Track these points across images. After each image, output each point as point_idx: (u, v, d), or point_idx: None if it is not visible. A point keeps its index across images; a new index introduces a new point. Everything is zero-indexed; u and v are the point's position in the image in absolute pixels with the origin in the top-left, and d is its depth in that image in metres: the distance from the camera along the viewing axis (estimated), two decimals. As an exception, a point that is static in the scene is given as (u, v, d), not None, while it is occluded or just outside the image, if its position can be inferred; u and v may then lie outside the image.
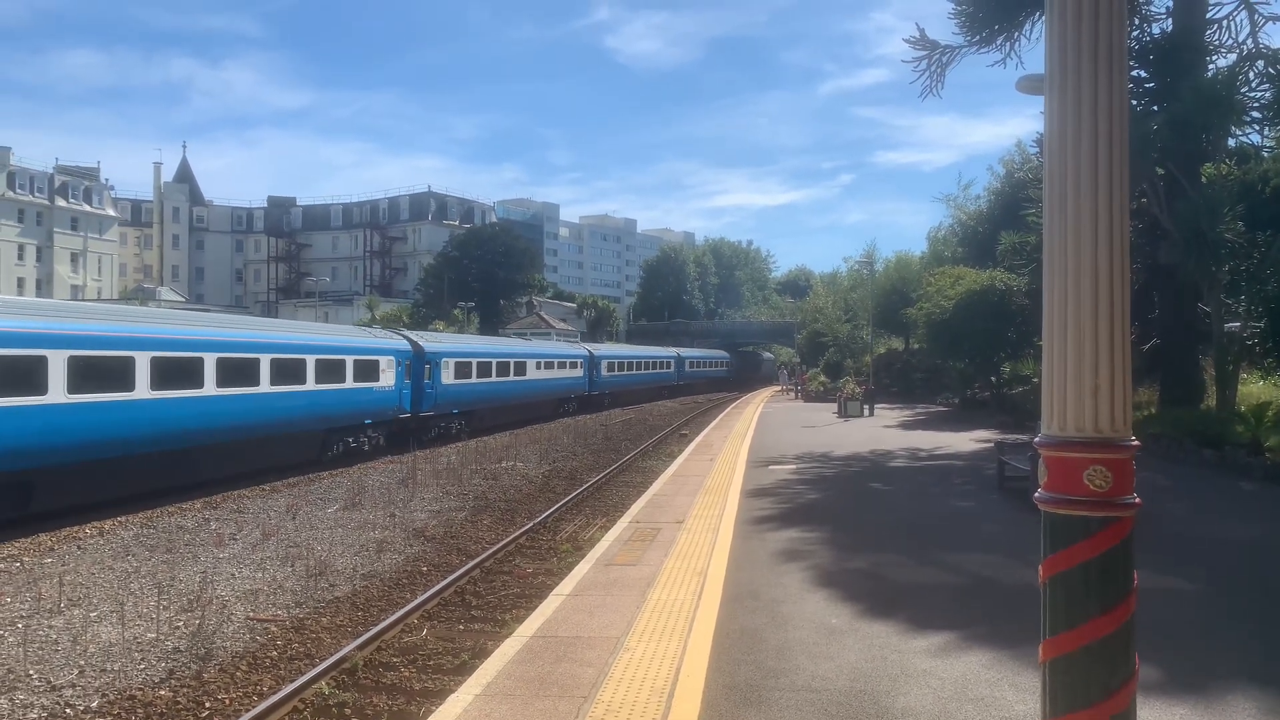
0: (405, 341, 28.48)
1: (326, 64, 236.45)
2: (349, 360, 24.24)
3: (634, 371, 58.96)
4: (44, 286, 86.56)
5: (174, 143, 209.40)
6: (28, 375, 14.77)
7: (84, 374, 15.73)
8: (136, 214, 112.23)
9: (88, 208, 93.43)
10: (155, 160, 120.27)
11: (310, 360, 22.44)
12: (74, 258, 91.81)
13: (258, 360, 20.40)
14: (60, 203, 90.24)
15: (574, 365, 46.75)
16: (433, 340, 31.34)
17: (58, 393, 15.23)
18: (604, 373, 51.71)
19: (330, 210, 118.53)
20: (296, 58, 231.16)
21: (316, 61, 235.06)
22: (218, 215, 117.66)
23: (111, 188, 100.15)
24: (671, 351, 70.21)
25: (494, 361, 35.45)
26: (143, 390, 17.00)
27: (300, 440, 22.31)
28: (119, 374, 16.59)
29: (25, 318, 15.21)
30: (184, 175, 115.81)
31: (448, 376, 30.54)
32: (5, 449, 14.30)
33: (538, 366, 41.16)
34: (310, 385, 22.34)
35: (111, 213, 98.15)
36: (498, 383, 35.68)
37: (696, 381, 74.20)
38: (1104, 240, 2.99)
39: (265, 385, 20.53)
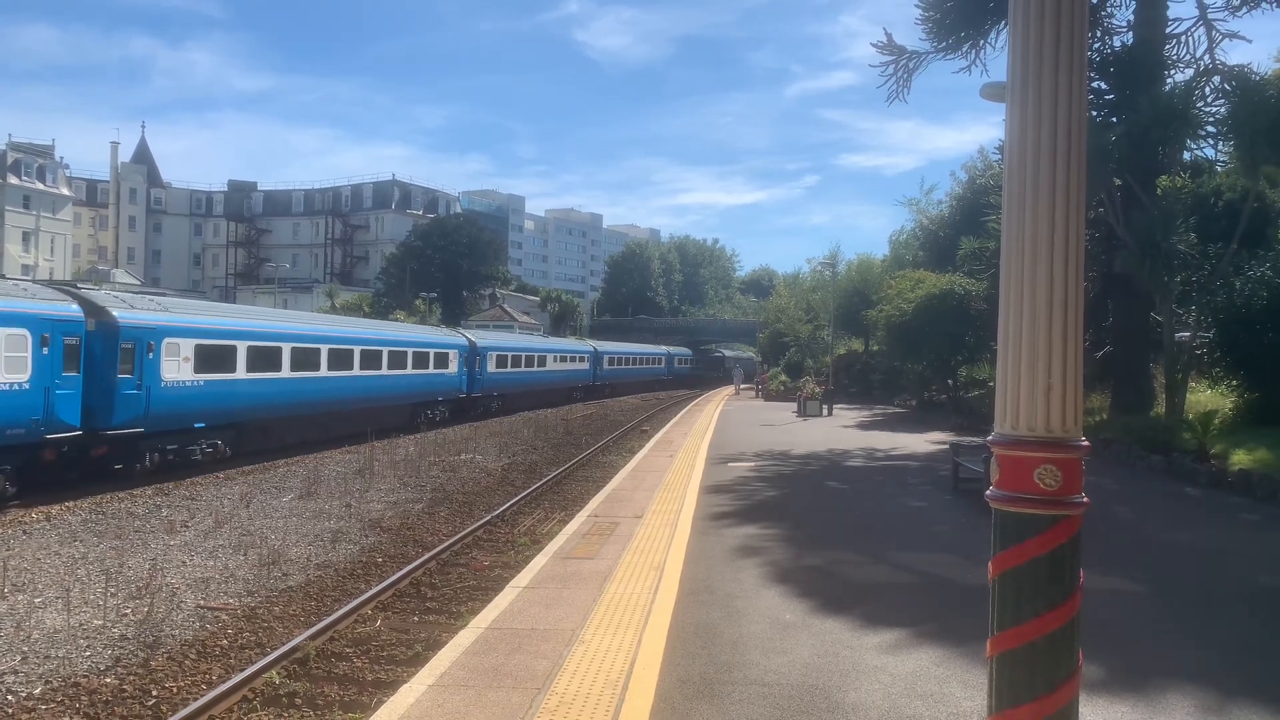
0: (464, 338, 36.74)
1: (290, 49, 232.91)
2: (431, 353, 32.17)
3: (631, 366, 67.61)
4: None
5: (132, 123, 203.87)
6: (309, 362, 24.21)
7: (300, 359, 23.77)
8: (92, 194, 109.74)
9: (41, 186, 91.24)
10: (112, 140, 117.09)
11: (409, 353, 30.34)
12: (25, 236, 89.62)
13: (381, 352, 28.44)
14: (12, 180, 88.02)
15: (582, 359, 55.10)
16: (482, 337, 39.77)
17: (242, 370, 21.39)
18: (605, 366, 59.89)
19: (292, 196, 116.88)
20: (259, 41, 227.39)
21: (280, 46, 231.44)
22: (176, 198, 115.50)
23: (66, 166, 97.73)
24: (664, 349, 79.94)
25: (524, 355, 43.72)
26: (324, 370, 25.03)
27: (401, 410, 30.02)
28: (314, 360, 24.57)
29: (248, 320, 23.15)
30: (142, 156, 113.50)
31: (491, 366, 38.51)
32: (251, 408, 21.76)
33: (555, 360, 49.26)
34: (408, 371, 30.28)
35: (66, 192, 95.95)
36: (526, 372, 43.76)
37: (681, 378, 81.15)
38: (1060, 244, 3.05)
39: (384, 369, 28.52)
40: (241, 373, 21.35)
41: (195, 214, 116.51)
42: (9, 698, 7.45)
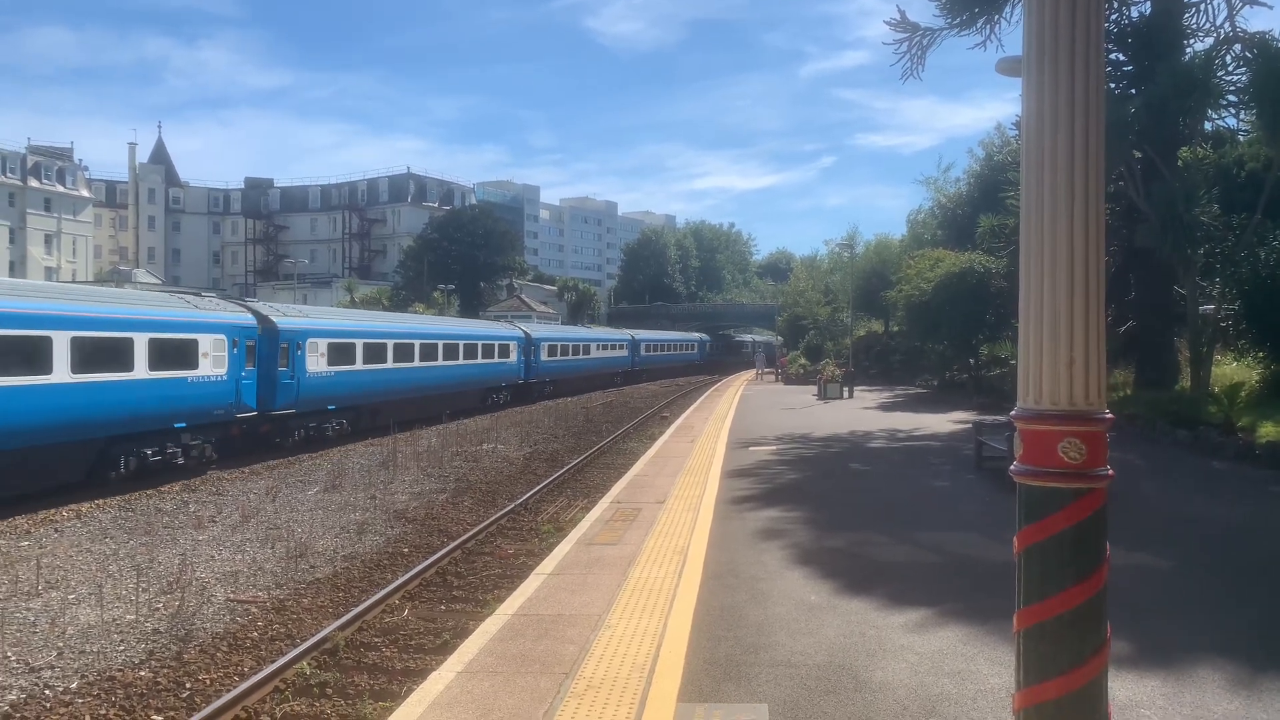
0: (521, 331, 41.64)
1: (303, 44, 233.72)
2: (496, 344, 36.89)
3: (664, 353, 72.84)
4: (17, 268, 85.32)
5: (149, 123, 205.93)
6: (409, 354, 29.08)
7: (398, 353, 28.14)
8: (111, 195, 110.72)
9: (61, 189, 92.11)
10: (130, 141, 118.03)
11: (479, 345, 35.13)
12: (48, 239, 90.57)
13: (458, 345, 32.96)
14: (33, 183, 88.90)
15: (622, 347, 60.44)
16: (536, 329, 46.09)
17: (360, 363, 25.98)
18: (643, 353, 65.37)
19: (308, 192, 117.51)
20: (273, 37, 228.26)
21: (293, 41, 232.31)
22: (194, 196, 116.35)
23: (85, 168, 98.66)
24: (695, 336, 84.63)
25: (572, 344, 48.97)
26: (416, 362, 29.60)
27: (474, 394, 35.06)
28: (409, 353, 29.15)
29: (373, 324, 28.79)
30: (159, 156, 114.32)
31: (544, 355, 43.57)
32: (366, 393, 26.26)
33: (599, 348, 54.49)
34: (479, 361, 34.98)
35: (86, 194, 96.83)
36: (575, 360, 48.97)
37: (700, 363, 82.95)
38: (1079, 216, 3.03)
39: (460, 360, 32.97)
40: (359, 365, 25.98)
41: (213, 212, 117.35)
42: (46, 692, 7.59)
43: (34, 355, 15.30)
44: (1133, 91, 21.84)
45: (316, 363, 23.60)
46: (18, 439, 14.93)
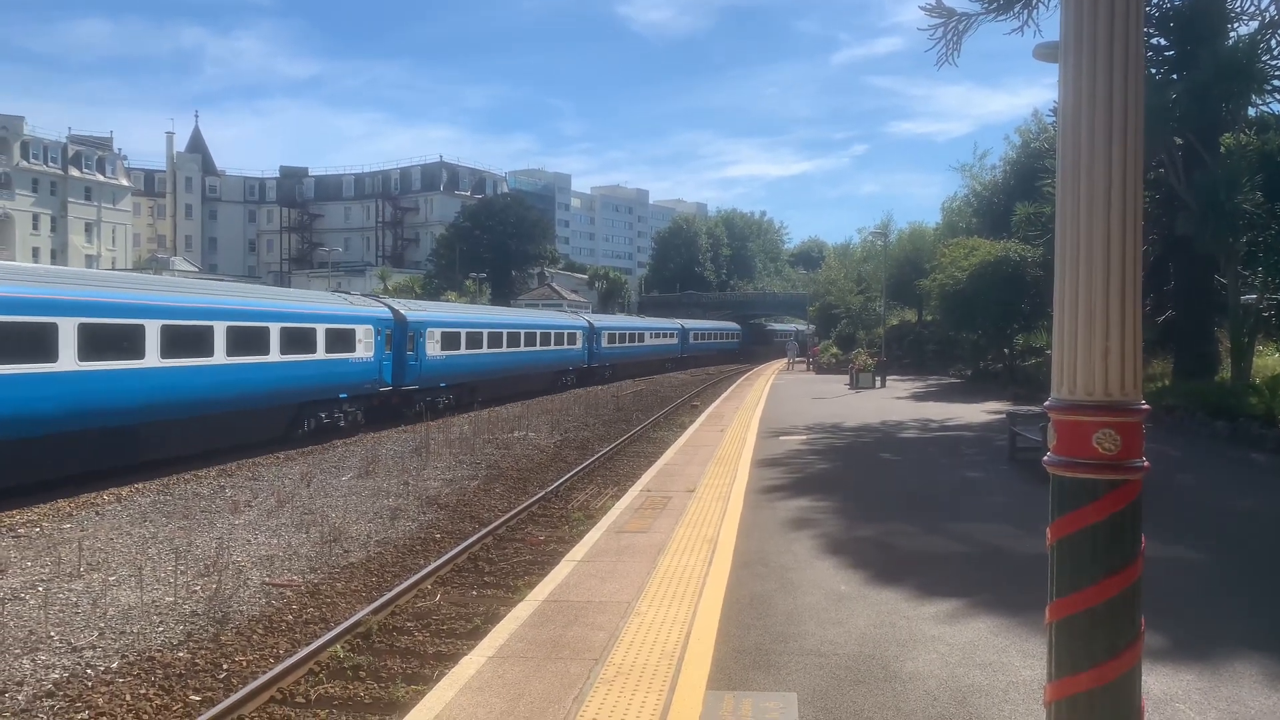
0: (586, 321, 46.76)
1: (336, 33, 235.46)
2: (565, 333, 42.45)
3: (709, 340, 76.89)
4: (58, 256, 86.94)
5: (186, 112, 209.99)
6: (499, 341, 34.33)
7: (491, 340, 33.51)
8: (149, 184, 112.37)
9: (101, 177, 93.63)
10: (167, 130, 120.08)
11: (552, 333, 40.62)
12: (88, 228, 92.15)
13: (535, 333, 38.41)
14: (74, 172, 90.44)
15: (673, 335, 65.57)
16: (598, 319, 51.26)
17: (464, 348, 31.05)
18: (691, 341, 70.08)
19: (342, 180, 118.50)
20: (306, 27, 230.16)
21: (326, 31, 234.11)
22: (230, 185, 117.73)
23: (124, 157, 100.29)
24: (733, 325, 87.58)
25: (629, 332, 54.75)
26: (505, 347, 34.90)
27: (547, 375, 40.15)
28: (499, 340, 34.44)
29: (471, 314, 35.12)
30: (196, 145, 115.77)
31: (604, 342, 48.58)
32: (468, 373, 31.26)
33: (652, 336, 59.97)
34: (552, 347, 40.37)
35: (125, 182, 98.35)
36: (631, 346, 54.39)
37: (731, 352, 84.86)
38: (1117, 204, 2.98)
39: (538, 346, 38.52)
40: (463, 350, 30.98)
41: (249, 201, 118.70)
42: (88, 671, 7.76)
43: (258, 341, 20.08)
44: (1174, 77, 21.40)
45: (433, 348, 28.69)
46: (249, 402, 19.87)
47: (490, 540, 12.40)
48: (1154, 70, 22.10)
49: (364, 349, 24.40)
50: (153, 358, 16.97)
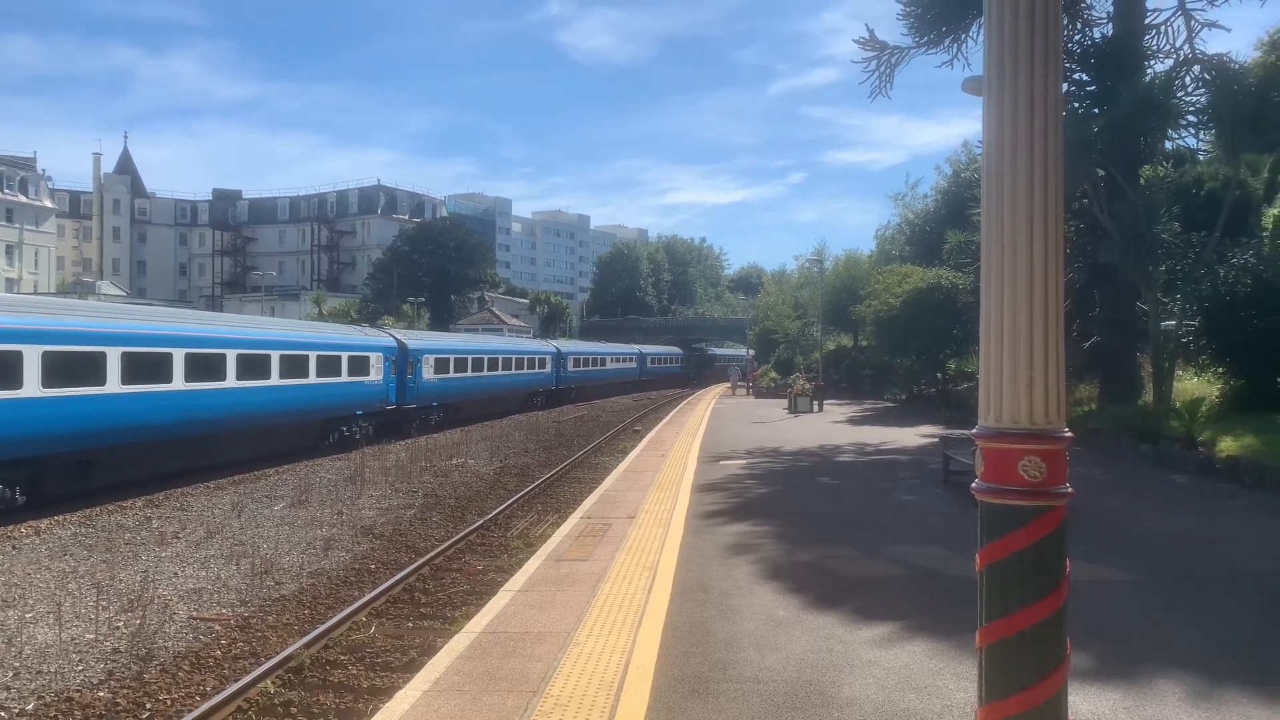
0: (554, 348, 51.28)
1: (274, 55, 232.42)
2: (535, 358, 46.59)
3: (662, 365, 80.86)
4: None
5: (115, 133, 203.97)
6: (481, 366, 38.25)
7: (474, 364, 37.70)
8: (75, 206, 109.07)
9: (23, 199, 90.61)
10: (95, 151, 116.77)
11: (525, 358, 45.12)
12: (9, 250, 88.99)
13: (512, 359, 43.02)
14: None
15: (631, 360, 69.76)
16: (566, 345, 56.73)
17: (453, 372, 35.15)
18: (649, 365, 75.30)
19: (277, 203, 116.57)
20: (243, 48, 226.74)
21: (263, 52, 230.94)
22: (161, 208, 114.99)
23: (49, 178, 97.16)
24: (677, 351, 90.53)
25: (593, 357, 59.78)
26: (485, 371, 38.78)
27: (518, 397, 44.01)
28: (481, 365, 38.43)
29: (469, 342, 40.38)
30: (125, 166, 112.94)
31: (571, 366, 52.95)
32: (455, 394, 35.36)
33: (613, 360, 64.56)
34: (524, 371, 44.58)
35: (49, 204, 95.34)
36: (595, 370, 59.53)
37: (672, 376, 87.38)
38: (1039, 235, 3.07)
39: (513, 370, 42.81)
40: (452, 374, 34.82)
41: (180, 224, 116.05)
42: (1, 714, 7.42)
43: (302, 367, 24.17)
44: (1096, 111, 22.20)
45: (428, 372, 32.56)
46: (293, 417, 23.91)
47: (427, 570, 12.20)
48: (1077, 104, 22.92)
49: (375, 373, 28.38)
50: (231, 379, 21.14)
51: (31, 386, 15.72)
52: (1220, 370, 19.38)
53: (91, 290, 79.32)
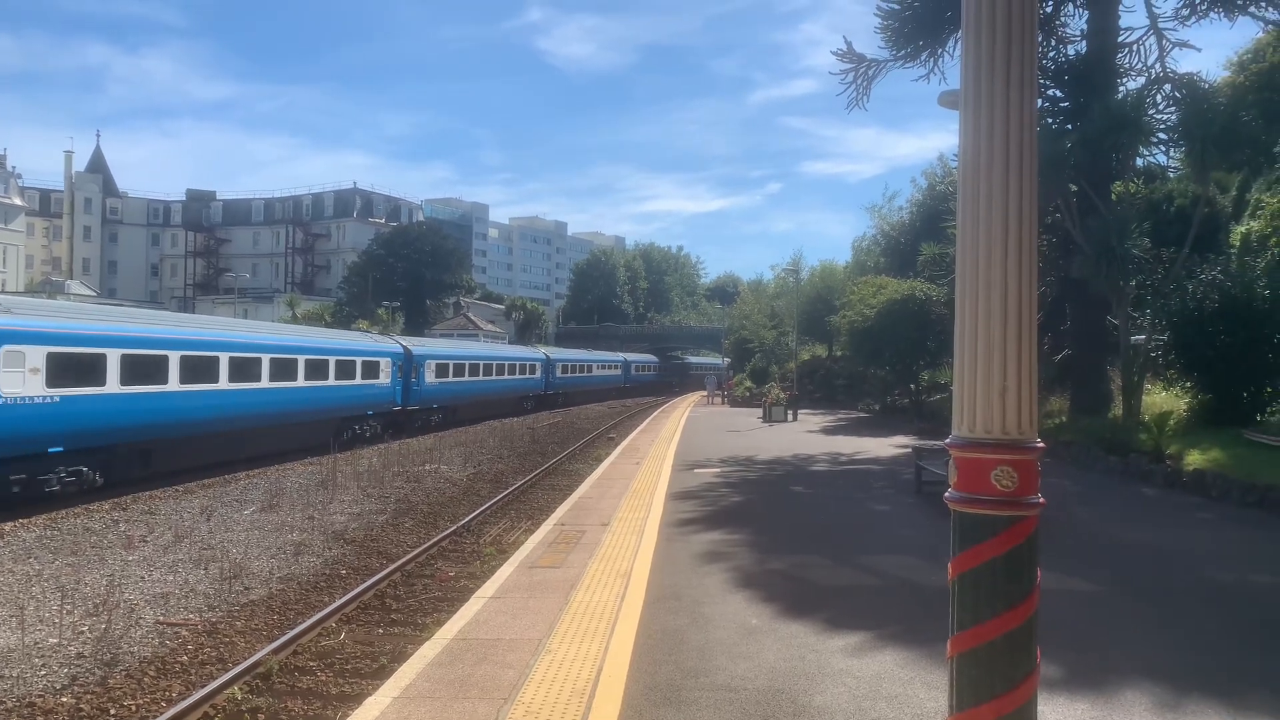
0: (544, 354, 54.43)
1: (251, 56, 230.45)
2: (523, 364, 49.28)
3: (644, 373, 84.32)
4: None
5: (88, 132, 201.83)
6: (477, 371, 41.69)
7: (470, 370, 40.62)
8: (45, 204, 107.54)
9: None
10: (67, 149, 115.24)
11: (518, 364, 48.21)
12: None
13: (505, 364, 45.88)
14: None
15: (616, 367, 73.25)
16: (556, 352, 59.01)
17: (453, 376, 38.21)
18: (633, 372, 78.50)
19: (252, 205, 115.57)
20: (219, 48, 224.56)
21: (240, 53, 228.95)
22: (133, 207, 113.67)
23: (19, 176, 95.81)
24: (654, 359, 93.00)
25: (581, 364, 62.47)
26: (481, 376, 41.66)
27: (510, 401, 46.61)
28: (477, 370, 41.37)
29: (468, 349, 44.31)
30: (97, 165, 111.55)
31: (559, 372, 55.73)
32: (454, 396, 38.14)
33: (599, 367, 67.61)
34: (515, 376, 47.48)
35: (18, 202, 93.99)
36: (583, 376, 62.46)
37: (649, 384, 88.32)
38: (1013, 248, 3.11)
39: (505, 375, 45.70)
40: (451, 378, 37.75)
41: (153, 224, 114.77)
42: (-39, 720, 7.28)
43: (323, 370, 26.63)
44: (1069, 127, 22.49)
45: (430, 376, 35.27)
46: (315, 415, 26.30)
47: (398, 576, 12.11)
48: (1050, 120, 23.21)
49: (384, 376, 30.93)
50: (264, 381, 23.49)
51: (113, 384, 18.20)
52: (1188, 384, 19.65)
53: (60, 290, 78.34)
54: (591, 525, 12.30)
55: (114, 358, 18.28)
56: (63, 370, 17.04)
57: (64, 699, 7.75)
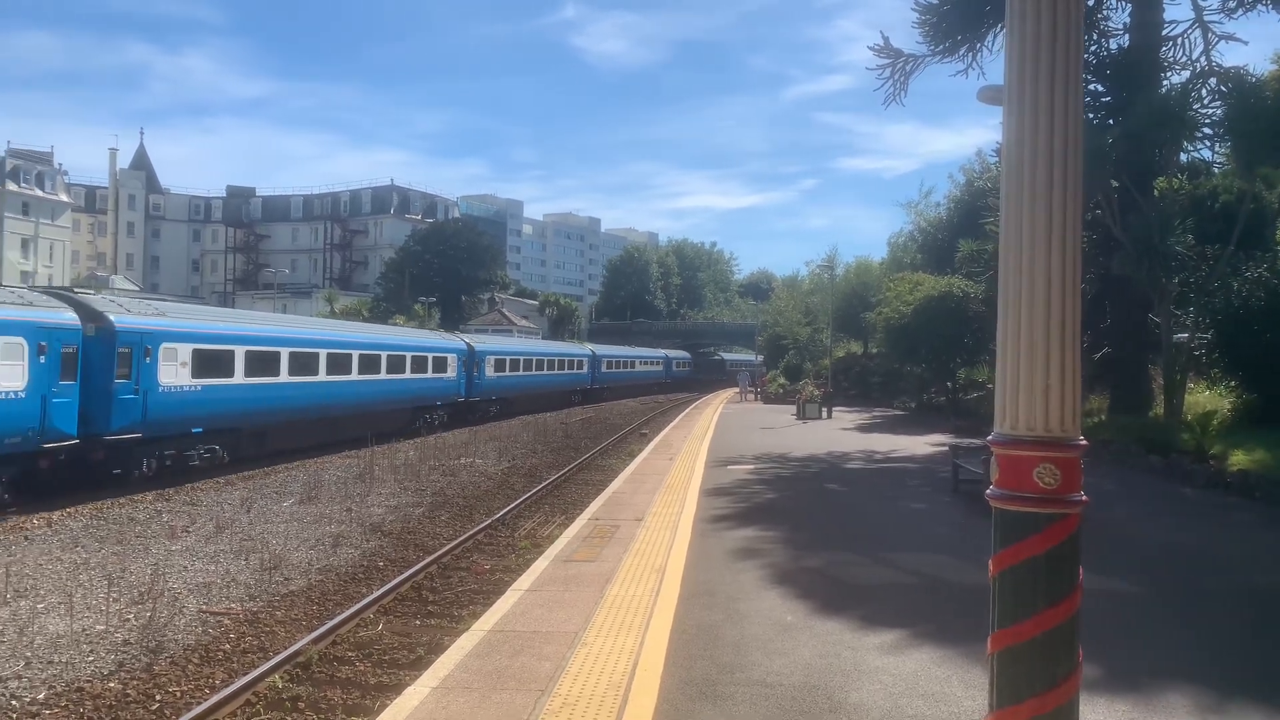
0: (590, 350, 57.77)
1: (288, 54, 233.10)
2: (571, 359, 52.63)
3: (684, 369, 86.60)
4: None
5: (130, 129, 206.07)
6: (531, 366, 45.56)
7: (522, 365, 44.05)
8: (91, 200, 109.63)
9: (40, 193, 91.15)
10: (111, 146, 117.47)
11: (566, 359, 51.51)
12: (25, 243, 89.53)
13: (555, 360, 49.30)
14: (11, 187, 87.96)
15: (657, 363, 77.00)
16: (601, 348, 62.13)
17: (507, 370, 41.35)
18: (674, 369, 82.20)
19: (290, 201, 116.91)
20: (257, 46, 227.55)
21: (277, 51, 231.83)
22: (175, 204, 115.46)
23: (65, 173, 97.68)
24: (687, 354, 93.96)
25: (625, 360, 66.74)
26: (521, 371, 43.25)
27: (559, 394, 49.76)
28: (532, 365, 45.36)
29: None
30: (140, 162, 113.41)
31: (605, 367, 59.64)
32: (510, 389, 41.84)
33: (641, 364, 71.62)
34: (565, 371, 50.96)
35: (65, 198, 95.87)
36: (626, 371, 66.57)
37: (680, 380, 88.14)
38: (1057, 244, 3.09)
39: (556, 370, 49.31)
40: (507, 372, 41.02)
41: (194, 220, 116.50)
42: (13, 703, 7.47)
43: (401, 364, 29.82)
44: (1111, 122, 22.13)
45: (490, 370, 38.61)
46: (395, 403, 29.57)
47: (435, 569, 12.24)
48: (1092, 116, 22.85)
49: (451, 370, 34.23)
50: (354, 374, 26.71)
51: (239, 376, 21.28)
52: (1232, 384, 19.30)
53: (105, 285, 79.66)
54: (625, 520, 12.35)
55: (240, 354, 21.42)
56: (203, 364, 20.14)
57: (111, 684, 7.93)
